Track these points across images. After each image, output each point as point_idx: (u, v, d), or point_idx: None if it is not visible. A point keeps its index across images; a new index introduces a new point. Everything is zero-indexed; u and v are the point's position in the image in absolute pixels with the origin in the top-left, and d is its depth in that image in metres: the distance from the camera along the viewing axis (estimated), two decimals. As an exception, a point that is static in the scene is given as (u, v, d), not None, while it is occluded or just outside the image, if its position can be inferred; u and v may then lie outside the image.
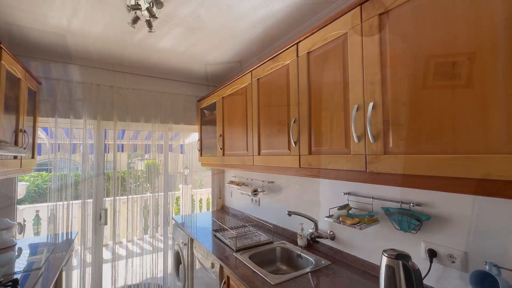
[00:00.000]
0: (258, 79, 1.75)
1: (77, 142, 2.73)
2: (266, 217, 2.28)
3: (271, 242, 1.86)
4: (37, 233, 3.60)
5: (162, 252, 2.79)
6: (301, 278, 1.35)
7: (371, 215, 1.32)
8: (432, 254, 1.12)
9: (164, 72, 2.68)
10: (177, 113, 2.78)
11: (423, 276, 1.01)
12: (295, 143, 1.38)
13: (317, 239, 1.67)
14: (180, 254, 2.35)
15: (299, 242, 1.79)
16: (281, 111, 1.52)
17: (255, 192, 2.22)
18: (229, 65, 2.56)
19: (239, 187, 2.43)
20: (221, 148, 2.26)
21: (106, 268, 2.51)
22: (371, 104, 0.99)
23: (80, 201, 2.38)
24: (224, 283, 1.60)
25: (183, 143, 4.11)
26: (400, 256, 1.03)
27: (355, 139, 1.04)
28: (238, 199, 2.77)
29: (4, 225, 1.88)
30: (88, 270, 2.41)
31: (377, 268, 1.34)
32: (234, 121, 2.07)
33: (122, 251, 3.33)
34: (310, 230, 1.70)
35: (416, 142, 0.86)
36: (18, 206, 3.26)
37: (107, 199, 2.53)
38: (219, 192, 3.09)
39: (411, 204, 1.18)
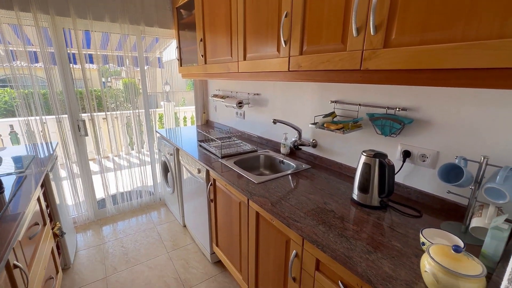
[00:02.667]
0: (244, -39, 1.42)
1: (36, 50, 2.37)
2: (251, 130, 2.31)
3: (255, 151, 1.92)
4: (17, 143, 3.53)
5: (150, 165, 2.89)
6: (282, 178, 1.45)
7: (356, 121, 1.33)
8: (406, 154, 1.19)
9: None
10: (149, 13, 2.37)
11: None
12: (285, 42, 1.24)
13: (299, 147, 1.74)
14: (167, 163, 2.44)
15: (282, 150, 1.86)
16: (271, 3, 1.30)
17: (240, 104, 2.16)
18: None
19: (223, 100, 2.35)
20: (202, 56, 2.04)
21: (96, 179, 2.61)
22: (379, -15, 0.83)
23: (54, 116, 2.25)
24: (211, 185, 1.71)
25: (160, 56, 3.72)
26: (378, 155, 1.09)
27: (354, 32, 0.92)
28: (223, 113, 2.73)
29: (-28, 133, 1.76)
30: (78, 181, 2.49)
31: (353, 170, 1.44)
32: (216, 21, 1.80)
33: (110, 164, 3.42)
34: (294, 139, 1.75)
35: (423, 30, 0.76)
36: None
37: (83, 115, 2.40)
38: (202, 106, 3.01)
39: (397, 109, 1.18)
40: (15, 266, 0.99)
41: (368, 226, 0.98)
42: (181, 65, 2.55)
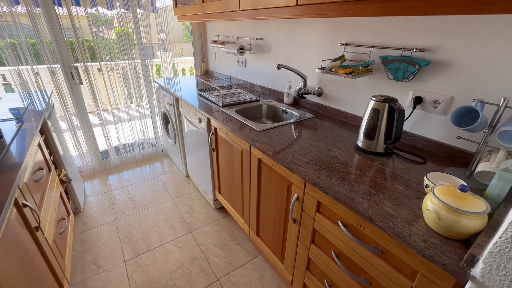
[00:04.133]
0: None
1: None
2: (253, 79, 2.20)
3: (258, 100, 1.85)
4: (11, 91, 3.45)
5: (150, 118, 2.85)
6: (285, 127, 1.41)
7: (367, 64, 1.23)
8: (417, 101, 1.13)
9: None
10: None
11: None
12: (293, -32, 1.07)
13: (304, 96, 1.67)
14: (168, 114, 2.39)
15: (286, 100, 1.79)
16: None
17: (241, 50, 2.01)
18: None
19: (223, 46, 2.18)
20: (199, -8, 1.83)
21: (97, 132, 2.59)
22: None
23: (45, 66, 2.14)
24: (212, 134, 1.69)
25: (153, -1, 3.39)
26: (388, 100, 1.03)
27: (377, -51, 0.78)
28: (223, 62, 2.57)
29: (-40, 78, 1.68)
30: (80, 133, 2.48)
31: (359, 119, 1.40)
32: None
33: (109, 117, 3.37)
34: (298, 87, 1.66)
35: None
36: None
37: (76, 64, 2.27)
38: (201, 54, 2.83)
39: (414, 50, 1.08)
40: (24, 205, 1.02)
41: (371, 171, 0.97)
42: (176, 5, 2.31)
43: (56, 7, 2.07)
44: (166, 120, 2.55)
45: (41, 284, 1.03)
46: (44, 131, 1.67)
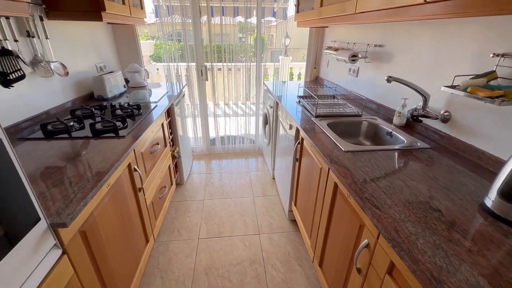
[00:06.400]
0: None
1: (185, 4, 2.78)
2: (363, 91, 1.93)
3: (359, 115, 1.61)
4: (166, 80, 4.57)
5: (254, 117, 3.07)
6: (380, 153, 1.14)
7: (534, 87, 0.81)
8: None
9: None
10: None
11: None
12: (428, -45, 0.82)
13: (420, 118, 1.30)
14: (268, 115, 2.48)
15: (395, 120, 1.46)
16: None
17: (353, 57, 1.80)
18: None
19: (335, 53, 2.02)
20: (319, -4, 1.76)
21: (210, 121, 3.03)
22: None
23: (185, 63, 2.70)
24: (299, 143, 1.61)
25: (285, 6, 3.60)
26: None
27: None
28: (334, 70, 2.40)
29: (135, 68, 2.36)
30: (198, 119, 2.98)
31: (501, 163, 0.95)
32: None
33: (221, 110, 3.88)
34: (414, 106, 1.31)
35: None
36: (153, 62, 4.03)
37: (206, 64, 2.72)
38: (314, 61, 2.75)
39: None
40: (135, 170, 1.31)
41: (497, 251, 0.63)
42: (297, 11, 2.33)
43: (201, 17, 2.54)
44: (265, 121, 2.66)
45: (131, 233, 1.30)
46: (170, 114, 2.09)
